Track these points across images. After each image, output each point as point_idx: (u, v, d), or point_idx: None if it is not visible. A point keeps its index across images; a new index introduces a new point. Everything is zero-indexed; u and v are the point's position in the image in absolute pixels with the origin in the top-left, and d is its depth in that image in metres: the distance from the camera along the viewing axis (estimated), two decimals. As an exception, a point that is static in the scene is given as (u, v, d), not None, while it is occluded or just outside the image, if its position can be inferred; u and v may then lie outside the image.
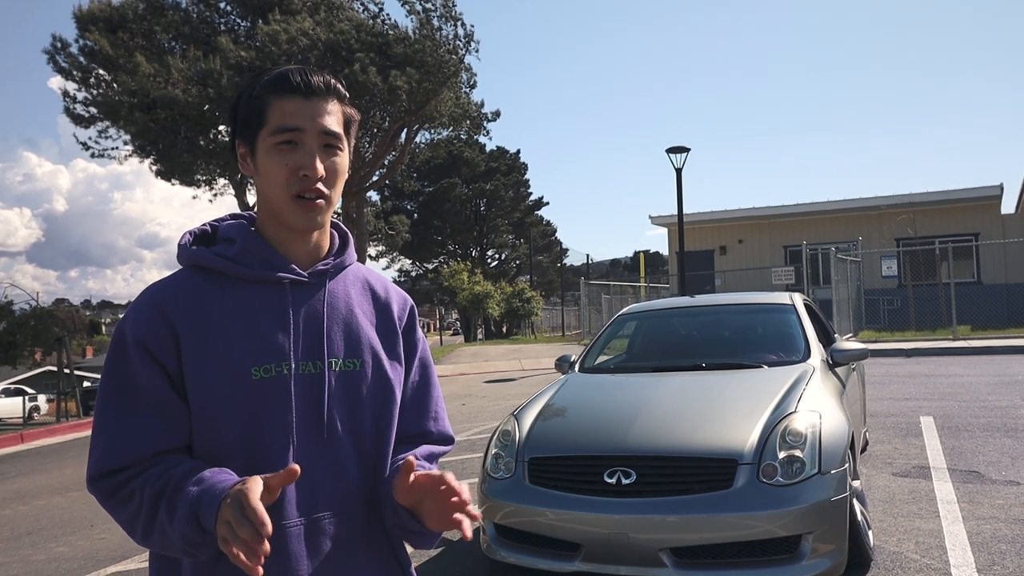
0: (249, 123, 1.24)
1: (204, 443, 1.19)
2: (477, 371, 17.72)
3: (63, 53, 21.07)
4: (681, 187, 17.47)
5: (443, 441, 1.42)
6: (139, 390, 1.18)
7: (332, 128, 1.23)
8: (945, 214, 23.18)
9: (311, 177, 1.20)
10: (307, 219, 1.23)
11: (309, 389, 1.22)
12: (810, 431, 3.54)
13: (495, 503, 3.80)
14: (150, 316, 1.19)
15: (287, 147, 1.21)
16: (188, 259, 1.26)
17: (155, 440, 1.17)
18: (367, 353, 1.28)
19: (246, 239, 1.26)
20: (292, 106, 1.21)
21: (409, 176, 45.46)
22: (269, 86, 1.23)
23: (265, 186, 1.24)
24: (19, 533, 6.12)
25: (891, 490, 5.22)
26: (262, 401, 1.19)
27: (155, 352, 1.18)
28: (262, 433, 1.19)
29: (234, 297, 1.23)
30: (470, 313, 33.49)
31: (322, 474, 1.22)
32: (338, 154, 1.25)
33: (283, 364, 1.21)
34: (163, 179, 23.19)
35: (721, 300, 5.96)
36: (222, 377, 1.17)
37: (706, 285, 24.07)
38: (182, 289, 1.23)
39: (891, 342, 16.07)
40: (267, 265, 1.25)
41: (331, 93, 1.25)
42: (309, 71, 1.24)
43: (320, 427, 1.23)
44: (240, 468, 1.17)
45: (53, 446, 12.51)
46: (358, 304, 1.33)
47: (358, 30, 20.61)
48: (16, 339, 17.62)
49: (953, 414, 7.85)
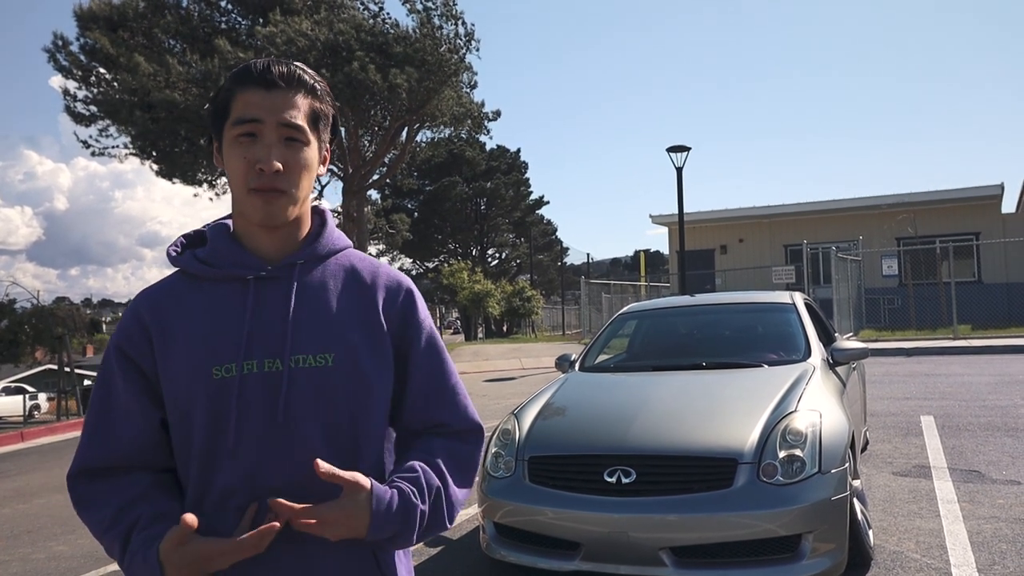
0: (216, 116, 1.23)
1: (179, 443, 1.22)
2: (477, 370, 17.72)
3: (64, 51, 21.06)
4: (682, 186, 17.46)
5: (466, 432, 1.33)
6: (116, 395, 1.23)
7: (292, 120, 1.20)
8: (946, 213, 23.17)
9: (266, 171, 1.18)
10: (265, 213, 1.21)
11: (270, 387, 1.19)
12: (810, 430, 3.53)
13: (495, 502, 3.80)
14: (130, 322, 1.24)
15: (246, 139, 1.19)
16: (173, 264, 1.30)
17: (126, 444, 1.22)
18: (340, 347, 1.23)
19: (216, 239, 1.27)
20: (254, 97, 1.19)
21: (409, 175, 45.45)
22: (234, 78, 1.22)
23: (230, 180, 1.23)
24: (19, 531, 6.12)
25: (891, 489, 5.22)
26: (223, 400, 1.18)
27: (133, 356, 1.23)
28: (223, 432, 1.18)
29: (203, 298, 1.24)
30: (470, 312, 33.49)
31: (284, 474, 1.18)
32: (301, 148, 1.21)
33: (244, 362, 1.19)
34: (164, 178, 23.19)
35: (721, 299, 5.96)
36: (187, 377, 1.19)
37: (706, 284, 24.07)
38: (164, 294, 1.26)
39: (891, 341, 16.06)
40: (233, 263, 1.24)
41: (296, 85, 1.21)
42: (274, 63, 1.21)
43: (279, 425, 1.18)
44: (205, 469, 1.19)
45: (53, 444, 12.52)
46: (336, 294, 1.27)
47: (358, 30, 20.60)
48: (17, 337, 17.63)
49: (953, 413, 7.85)
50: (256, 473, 1.18)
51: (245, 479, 1.18)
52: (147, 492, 1.21)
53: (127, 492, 1.21)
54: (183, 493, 1.23)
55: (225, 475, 1.18)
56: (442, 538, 4.87)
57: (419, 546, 4.71)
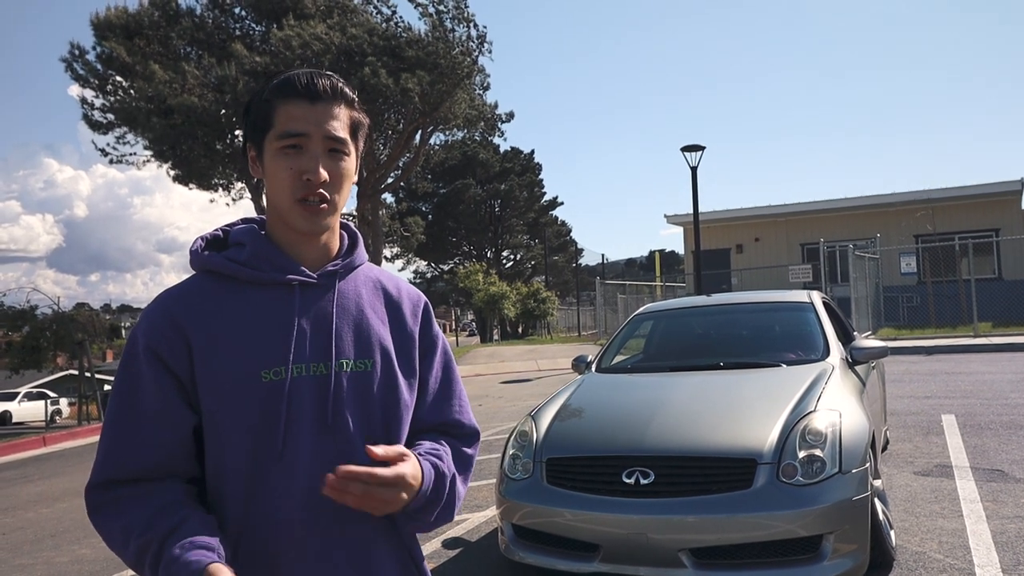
0: (257, 126, 1.25)
1: (218, 449, 1.19)
2: (493, 372, 17.72)
3: (80, 60, 21.32)
4: (696, 186, 17.38)
5: (469, 435, 1.40)
6: (144, 398, 1.18)
7: (337, 133, 1.23)
8: (965, 210, 22.91)
9: (314, 182, 1.21)
10: (311, 223, 1.24)
11: (318, 391, 1.22)
12: (830, 430, 3.51)
13: (513, 504, 3.80)
14: (161, 323, 1.20)
15: (292, 151, 1.21)
16: (200, 264, 1.27)
17: (157, 450, 1.17)
18: (378, 353, 1.28)
19: (256, 242, 1.27)
20: (298, 110, 1.21)
21: (423, 177, 45.57)
22: (276, 90, 1.23)
23: (271, 190, 1.25)
24: (43, 535, 6.19)
25: (913, 489, 5.17)
26: (272, 404, 1.18)
27: (166, 359, 1.19)
28: (272, 436, 1.18)
29: (245, 301, 1.23)
30: (486, 314, 33.50)
31: None
32: (343, 159, 1.25)
33: (293, 366, 1.20)
34: (181, 183, 23.41)
35: (738, 299, 5.92)
36: (232, 380, 1.18)
37: (722, 284, 23.94)
38: (194, 294, 1.24)
39: (911, 340, 15.90)
40: (276, 268, 1.25)
41: (338, 97, 1.24)
42: (316, 75, 1.23)
43: (327, 428, 1.22)
44: (251, 475, 1.18)
45: (75, 449, 12.65)
46: (369, 304, 1.32)
47: (370, 34, 20.70)
48: (39, 343, 17.84)
49: (975, 412, 7.76)
50: (304, 476, 1.19)
51: (295, 483, 1.19)
52: (185, 499, 1.17)
53: (163, 496, 1.16)
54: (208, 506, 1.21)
55: (274, 479, 1.18)
56: (460, 540, 4.88)
57: (437, 547, 4.72)
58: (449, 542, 4.86)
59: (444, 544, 4.82)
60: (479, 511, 5.50)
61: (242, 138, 1.33)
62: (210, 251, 1.30)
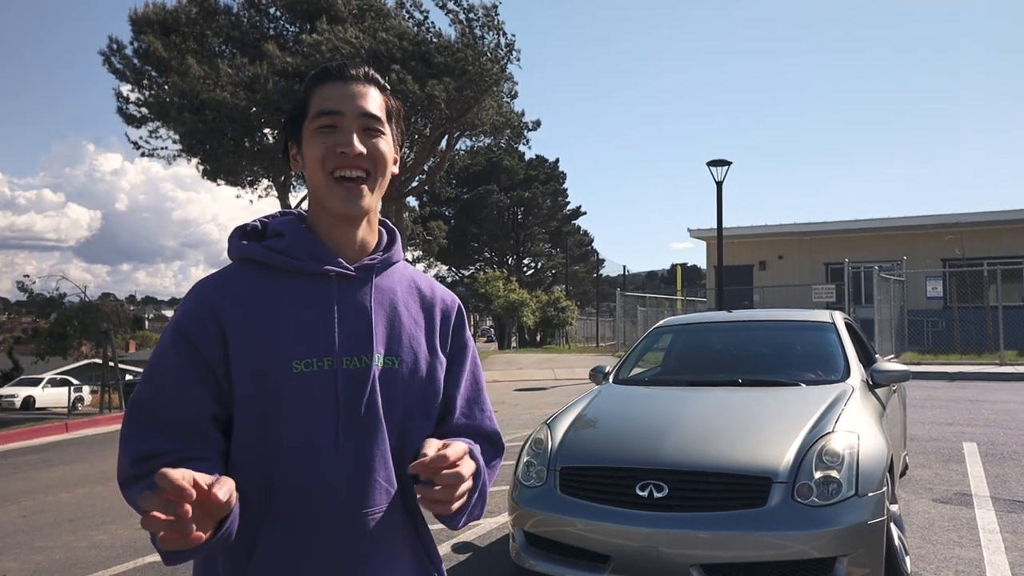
0: (296, 118, 1.27)
1: (244, 436, 1.20)
2: (510, 379, 17.73)
3: (118, 55, 21.72)
4: (721, 200, 17.30)
5: (494, 437, 1.42)
6: (170, 380, 1.19)
7: (371, 110, 1.24)
8: (994, 235, 22.59)
9: (348, 154, 1.21)
10: (349, 203, 1.23)
11: (353, 384, 1.22)
12: (847, 452, 3.48)
13: (525, 511, 3.81)
14: (197, 309, 1.21)
15: (327, 130, 1.23)
16: (238, 252, 1.28)
17: (181, 428, 1.17)
18: (406, 352, 1.28)
19: (295, 232, 1.27)
20: (332, 90, 1.24)
21: (447, 182, 45.75)
22: (312, 79, 1.27)
23: (309, 173, 1.25)
24: (62, 519, 6.29)
25: (931, 516, 5.11)
26: (303, 395, 1.19)
27: (196, 342, 1.19)
28: (303, 427, 1.19)
29: (281, 290, 1.23)
30: (504, 321, 33.53)
31: (364, 473, 1.22)
32: (379, 136, 1.26)
33: (325, 358, 1.21)
34: (209, 179, 23.73)
35: (759, 316, 5.90)
36: (264, 369, 1.18)
37: (744, 300, 23.76)
38: (231, 282, 1.24)
39: (934, 365, 15.68)
40: (315, 258, 1.25)
41: (370, 81, 1.27)
42: (348, 61, 1.27)
43: (361, 422, 1.22)
44: (280, 462, 1.18)
45: (96, 436, 12.84)
46: (403, 302, 1.32)
47: (401, 39, 20.87)
48: (66, 331, 18.17)
49: (998, 441, 7.64)
50: (347, 467, 1.21)
51: (340, 475, 1.20)
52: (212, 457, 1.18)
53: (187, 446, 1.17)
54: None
55: (316, 470, 1.19)
56: (471, 544, 4.89)
57: (447, 551, 4.73)
58: (459, 546, 4.87)
59: (454, 548, 4.83)
60: (491, 516, 5.51)
61: (283, 142, 1.35)
62: (248, 241, 1.30)
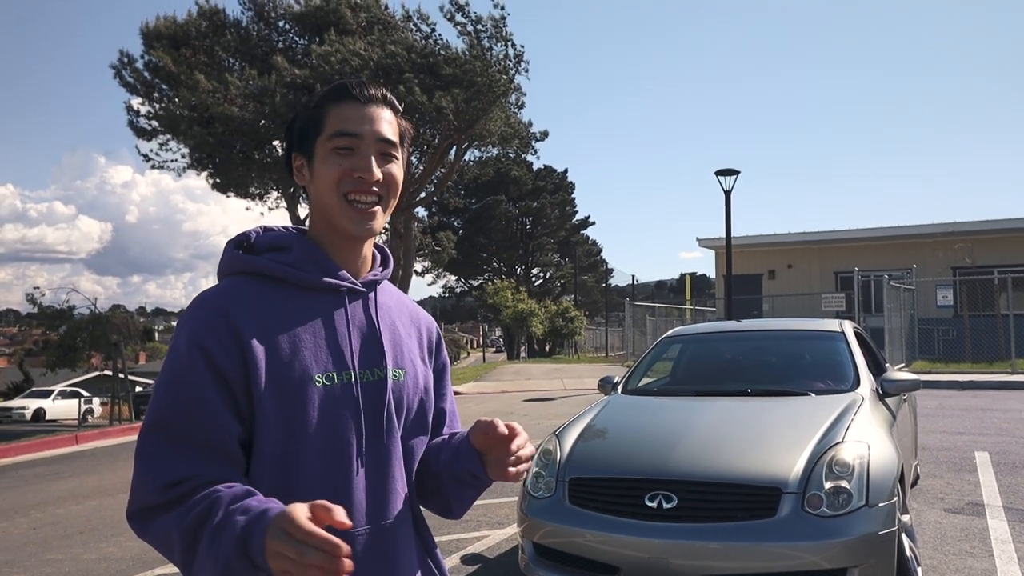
0: (307, 132, 1.26)
1: (267, 452, 1.16)
2: (519, 389, 17.71)
3: (129, 68, 21.91)
4: (730, 210, 17.28)
5: None
6: (194, 399, 1.13)
7: (388, 136, 1.26)
8: (1005, 243, 22.46)
9: (367, 180, 1.22)
10: (360, 223, 1.24)
11: (371, 396, 1.25)
12: (858, 462, 3.46)
13: (534, 522, 3.80)
14: (213, 321, 1.16)
15: (344, 152, 1.23)
16: (241, 265, 1.24)
17: (212, 448, 1.13)
18: (408, 364, 1.32)
19: (302, 246, 1.26)
20: (350, 111, 1.23)
21: (456, 193, 45.85)
22: (327, 95, 1.26)
23: (319, 191, 1.25)
24: (72, 532, 6.31)
25: (942, 527, 5.06)
26: (327, 409, 1.19)
27: (215, 357, 1.14)
28: (328, 441, 1.19)
29: (294, 304, 1.22)
30: (513, 331, 33.53)
31: (384, 481, 1.25)
32: (394, 162, 1.27)
33: (344, 372, 1.22)
34: (219, 191, 23.85)
35: (768, 325, 5.88)
36: (287, 384, 1.16)
37: (753, 310, 23.69)
38: (244, 294, 1.20)
39: (945, 374, 15.57)
40: (325, 273, 1.25)
41: (386, 103, 1.28)
42: (367, 82, 1.28)
43: (381, 434, 1.25)
44: (308, 476, 1.17)
45: (106, 448, 12.88)
46: (398, 317, 1.36)
47: (409, 51, 20.99)
48: (76, 343, 18.26)
49: (1010, 450, 7.57)
50: (369, 477, 1.23)
51: (364, 486, 1.22)
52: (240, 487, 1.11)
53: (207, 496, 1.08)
54: None
55: (341, 482, 1.20)
56: (480, 556, 4.88)
57: (456, 563, 4.73)
58: (468, 558, 4.86)
59: (463, 560, 4.82)
60: (499, 528, 5.50)
61: (284, 151, 1.34)
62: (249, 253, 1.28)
